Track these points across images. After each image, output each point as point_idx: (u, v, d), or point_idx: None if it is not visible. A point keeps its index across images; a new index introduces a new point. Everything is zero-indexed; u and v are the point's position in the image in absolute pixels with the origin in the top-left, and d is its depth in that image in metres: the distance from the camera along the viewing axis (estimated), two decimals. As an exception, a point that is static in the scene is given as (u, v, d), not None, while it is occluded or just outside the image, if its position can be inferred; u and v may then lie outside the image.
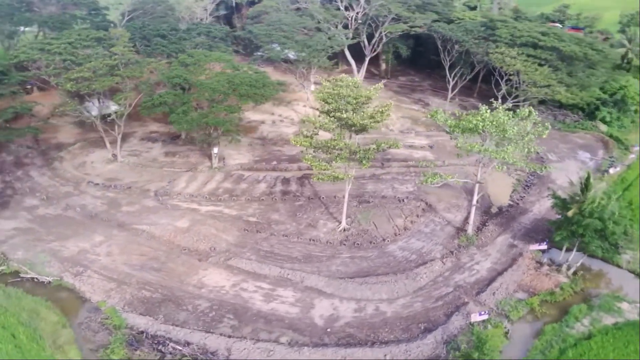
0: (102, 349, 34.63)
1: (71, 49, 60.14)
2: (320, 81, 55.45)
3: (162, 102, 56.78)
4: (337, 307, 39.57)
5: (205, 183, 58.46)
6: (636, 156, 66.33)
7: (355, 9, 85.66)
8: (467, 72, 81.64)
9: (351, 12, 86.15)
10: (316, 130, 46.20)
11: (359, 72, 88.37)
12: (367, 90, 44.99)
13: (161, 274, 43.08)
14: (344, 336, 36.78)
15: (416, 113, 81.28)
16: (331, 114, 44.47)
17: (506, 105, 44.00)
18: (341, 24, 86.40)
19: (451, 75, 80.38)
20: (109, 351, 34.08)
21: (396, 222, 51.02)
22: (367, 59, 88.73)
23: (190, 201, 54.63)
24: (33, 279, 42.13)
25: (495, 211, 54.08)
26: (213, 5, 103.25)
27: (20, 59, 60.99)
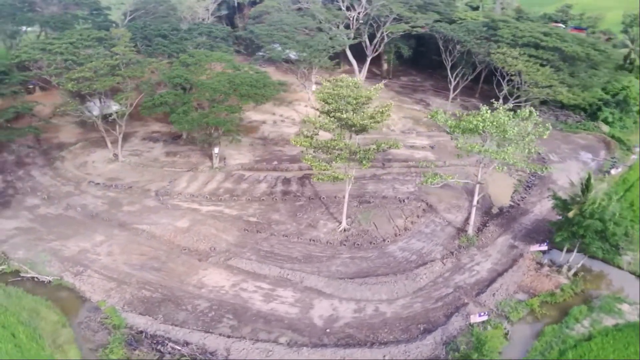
0: (102, 348, 34.69)
1: (72, 48, 60.31)
2: (321, 81, 55.43)
3: (162, 102, 56.86)
4: (336, 307, 39.53)
5: (206, 183, 58.49)
6: (637, 157, 65.99)
7: (356, 9, 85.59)
8: (469, 73, 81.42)
9: (353, 12, 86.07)
10: (316, 130, 46.21)
11: (360, 72, 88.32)
12: (368, 91, 44.89)
13: (161, 273, 43.13)
14: (343, 337, 36.73)
15: (418, 113, 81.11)
16: (331, 114, 44.42)
17: (507, 106, 43.80)
18: (343, 24, 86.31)
19: (453, 75, 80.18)
20: (107, 351, 34.13)
21: (396, 222, 50.95)
22: (368, 59, 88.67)
23: (190, 201, 54.66)
24: (33, 278, 42.27)
25: (496, 212, 53.92)
26: (215, 5, 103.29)
27: (21, 58, 61.19)
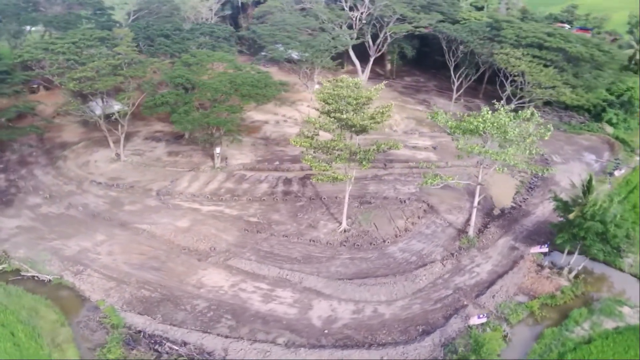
0: (100, 348, 34.69)
1: (75, 48, 60.50)
2: (321, 81, 55.33)
3: (163, 102, 56.93)
4: (335, 308, 39.40)
5: (207, 183, 58.53)
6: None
7: (359, 9, 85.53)
8: (472, 73, 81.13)
9: (356, 12, 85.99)
10: (316, 130, 46.13)
11: (363, 73, 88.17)
12: (368, 91, 44.75)
13: (161, 273, 43.15)
14: (341, 338, 36.60)
15: (421, 114, 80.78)
16: (331, 114, 44.33)
17: (510, 107, 43.45)
18: (345, 24, 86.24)
19: (456, 75, 79.94)
20: (105, 350, 34.13)
21: (397, 223, 50.78)
22: (371, 59, 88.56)
23: (191, 201, 54.71)
24: (34, 277, 42.36)
25: (497, 213, 53.62)
26: (218, 5, 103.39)
27: (24, 58, 61.45)
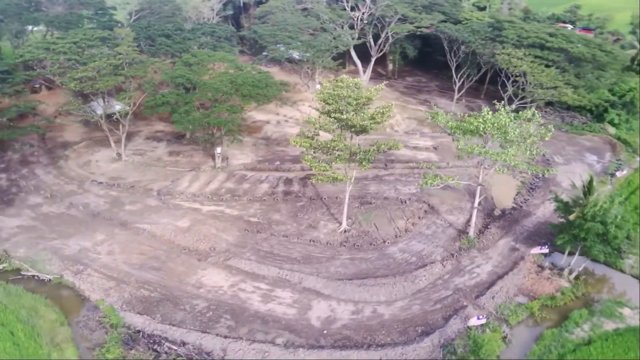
0: (99, 347, 34.71)
1: (76, 48, 60.63)
2: (322, 82, 55.32)
3: (164, 102, 56.97)
4: (334, 308, 39.34)
5: (208, 183, 58.55)
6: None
7: (361, 9, 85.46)
8: (474, 73, 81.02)
9: (357, 12, 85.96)
10: (317, 131, 46.09)
11: (364, 73, 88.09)
12: (368, 91, 44.67)
13: (160, 273, 43.16)
14: (340, 338, 36.53)
15: (422, 114, 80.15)
16: (332, 114, 44.28)
17: (512, 107, 43.30)
18: (347, 24, 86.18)
19: (457, 76, 79.81)
20: (104, 350, 34.12)
21: (397, 223, 50.70)
22: (372, 59, 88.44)
23: (192, 201, 54.69)
24: (34, 276, 42.41)
25: (498, 214, 53.52)
26: (220, 5, 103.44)
27: (25, 58, 61.57)
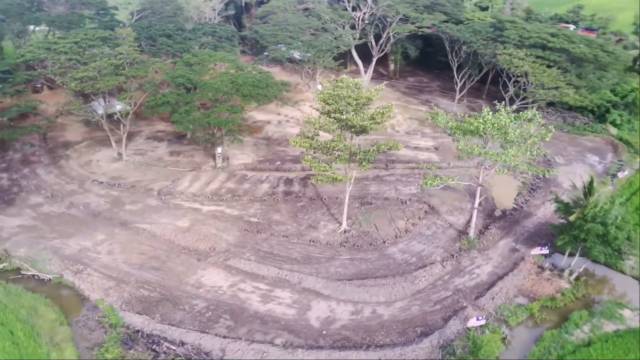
0: (97, 347, 34.71)
1: (77, 48, 60.75)
2: (322, 82, 55.28)
3: (165, 102, 56.99)
4: (334, 309, 39.28)
5: (208, 183, 58.57)
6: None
7: (362, 9, 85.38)
8: (475, 74, 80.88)
9: (358, 12, 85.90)
10: (317, 131, 46.05)
11: (366, 73, 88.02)
12: (368, 91, 44.60)
13: (160, 273, 43.17)
14: (339, 339, 36.45)
15: (423, 114, 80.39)
16: (332, 115, 44.23)
17: (511, 108, 43.17)
18: (348, 24, 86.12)
19: (459, 76, 79.68)
20: (103, 350, 34.12)
21: (398, 224, 50.62)
22: (374, 59, 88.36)
23: (192, 201, 54.71)
24: (34, 276, 42.45)
25: (498, 214, 53.40)
26: (222, 5, 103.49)
27: (26, 58, 61.72)
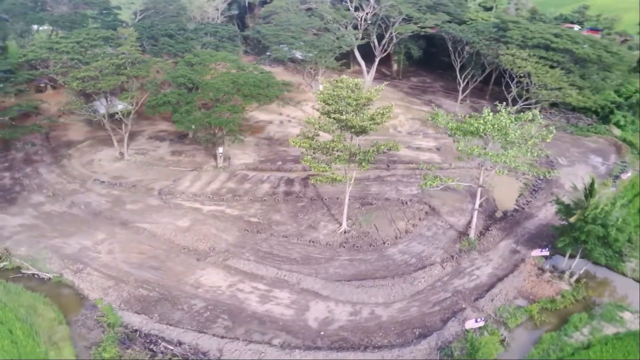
0: (95, 346, 34.76)
1: (79, 48, 60.91)
2: (323, 82, 55.21)
3: (166, 102, 57.07)
4: (332, 310, 39.19)
5: (209, 182, 58.61)
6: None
7: (365, 10, 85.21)
8: (478, 74, 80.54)
9: (361, 12, 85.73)
10: (317, 131, 45.98)
11: (368, 73, 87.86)
12: (368, 92, 44.48)
13: (159, 272, 43.20)
14: (337, 340, 36.34)
15: (426, 115, 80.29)
16: (331, 115, 44.14)
17: (514, 109, 42.92)
18: (351, 25, 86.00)
19: (462, 76, 79.41)
20: (101, 349, 34.15)
21: (398, 225, 50.47)
22: (376, 59, 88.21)
23: (193, 200, 54.77)
24: (34, 275, 42.58)
25: (499, 215, 53.12)
26: (225, 4, 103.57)
27: (28, 57, 61.95)
